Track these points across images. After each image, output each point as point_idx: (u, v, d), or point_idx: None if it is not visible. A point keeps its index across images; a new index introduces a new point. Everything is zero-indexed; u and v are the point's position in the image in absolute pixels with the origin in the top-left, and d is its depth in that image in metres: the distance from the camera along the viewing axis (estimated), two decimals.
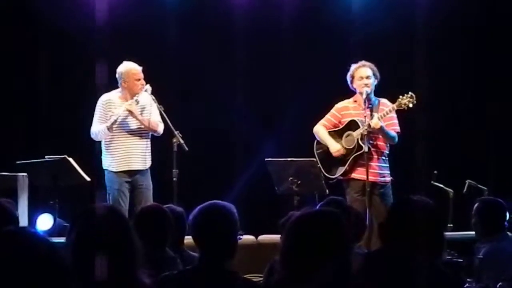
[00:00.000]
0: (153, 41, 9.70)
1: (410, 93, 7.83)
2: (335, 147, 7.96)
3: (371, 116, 7.77)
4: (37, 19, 9.82)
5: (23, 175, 7.67)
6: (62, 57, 9.83)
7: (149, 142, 8.09)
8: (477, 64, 10.21)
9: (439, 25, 9.97)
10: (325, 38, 9.98)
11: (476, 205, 6.20)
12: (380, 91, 8.02)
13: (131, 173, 8.00)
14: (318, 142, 8.14)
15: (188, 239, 4.64)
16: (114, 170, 8.00)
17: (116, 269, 3.19)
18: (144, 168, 8.03)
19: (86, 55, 9.38)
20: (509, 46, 10.11)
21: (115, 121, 7.93)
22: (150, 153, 8.08)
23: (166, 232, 5.03)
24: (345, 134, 7.98)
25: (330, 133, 8.08)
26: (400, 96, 7.85)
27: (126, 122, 8.03)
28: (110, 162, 8.04)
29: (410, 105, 7.80)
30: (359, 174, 7.83)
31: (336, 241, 3.21)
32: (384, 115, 7.79)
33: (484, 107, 10.21)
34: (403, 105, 7.82)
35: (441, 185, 8.86)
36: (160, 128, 8.03)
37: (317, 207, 5.19)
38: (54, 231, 8.16)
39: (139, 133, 8.06)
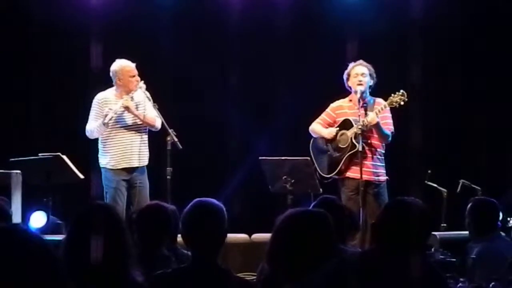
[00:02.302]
0: (147, 39, 9.69)
1: (401, 90, 7.84)
2: (327, 131, 7.96)
3: (365, 115, 7.78)
4: (30, 16, 9.81)
5: (16, 173, 7.65)
6: (56, 54, 9.82)
7: (145, 138, 8.08)
8: (471, 64, 10.23)
9: (434, 24, 9.99)
10: (320, 37, 9.99)
11: (469, 205, 6.21)
12: (376, 90, 8.02)
13: (128, 170, 7.99)
14: (314, 142, 8.14)
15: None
16: (112, 168, 7.99)
17: (109, 267, 3.19)
18: (141, 166, 8.02)
19: (81, 52, 9.37)
20: (504, 45, 10.13)
21: (112, 117, 7.92)
22: (147, 150, 8.07)
23: (165, 231, 5.05)
24: (339, 133, 7.99)
25: None
26: (392, 94, 7.86)
27: (122, 118, 8.02)
28: (107, 160, 8.03)
29: (402, 103, 7.82)
30: (353, 173, 7.83)
31: (322, 242, 3.22)
32: (377, 113, 7.80)
33: (478, 107, 10.23)
34: (394, 103, 7.83)
35: (435, 185, 8.87)
36: (158, 123, 8.03)
37: (310, 206, 5.19)
38: (48, 228, 8.15)
39: (136, 128, 8.05)
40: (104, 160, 8.05)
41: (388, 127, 7.88)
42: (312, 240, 3.21)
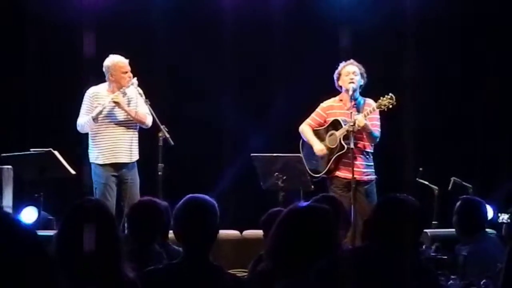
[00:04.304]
0: (141, 35, 9.68)
1: (390, 94, 7.84)
2: (319, 147, 7.99)
3: (357, 114, 7.80)
4: (23, 11, 9.78)
5: (8, 168, 7.64)
6: (49, 50, 9.80)
7: (136, 135, 8.06)
8: (463, 62, 10.24)
9: (426, 23, 9.99)
10: (313, 35, 10.00)
11: (457, 204, 6.23)
12: (368, 89, 8.03)
13: (117, 166, 7.98)
14: (304, 141, 8.15)
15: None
16: (101, 163, 7.98)
17: (100, 263, 3.18)
18: (131, 162, 8.01)
19: (73, 48, 9.35)
20: (495, 44, 10.14)
21: (101, 111, 7.91)
22: (137, 146, 8.06)
23: (157, 227, 5.04)
24: (328, 133, 8.01)
25: (314, 132, 8.10)
26: (381, 98, 7.87)
27: (113, 113, 8.01)
28: (96, 155, 8.01)
29: (390, 106, 7.82)
30: (343, 172, 7.85)
31: (325, 238, 3.20)
32: (367, 115, 7.81)
33: (470, 105, 10.25)
34: (383, 106, 7.84)
35: (426, 182, 8.89)
36: (149, 120, 8.01)
37: (309, 202, 5.19)
38: (39, 224, 8.13)
39: (126, 124, 8.03)
40: (94, 155, 8.04)
41: (376, 128, 7.90)
42: (314, 236, 3.19)
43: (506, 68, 10.17)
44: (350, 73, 7.87)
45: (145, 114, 8.01)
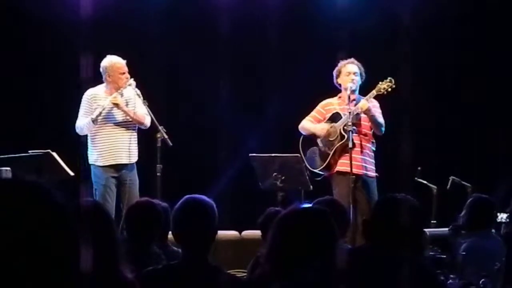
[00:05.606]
0: (138, 35, 9.68)
1: (389, 78, 7.86)
2: (320, 127, 7.97)
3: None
4: (21, 12, 9.77)
5: (6, 169, 7.61)
6: (47, 50, 9.79)
7: (135, 136, 8.05)
8: (462, 61, 10.24)
9: (425, 20, 10.00)
10: (311, 33, 9.99)
11: (470, 199, 6.27)
12: (366, 86, 8.03)
13: (117, 167, 7.97)
14: (303, 139, 8.15)
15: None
16: (101, 164, 7.97)
17: (98, 264, 3.18)
18: (130, 163, 8.00)
19: (71, 49, 9.35)
20: (495, 42, 10.14)
21: (100, 113, 7.91)
22: (136, 147, 8.05)
23: (155, 228, 5.04)
24: (329, 127, 8.00)
25: None
26: (380, 82, 7.88)
27: (111, 114, 8.00)
28: (96, 156, 8.00)
29: (389, 90, 7.84)
30: (343, 166, 7.83)
31: (324, 240, 3.20)
32: (368, 99, 7.82)
33: (468, 104, 10.25)
34: (382, 90, 7.86)
35: (425, 182, 8.88)
36: (147, 121, 8.00)
37: (312, 204, 5.18)
38: None
39: (125, 125, 8.02)
40: (93, 157, 8.03)
41: (380, 118, 7.89)
42: (314, 239, 3.18)
43: (506, 67, 10.17)
44: (351, 74, 7.88)
45: (143, 114, 8.00)
